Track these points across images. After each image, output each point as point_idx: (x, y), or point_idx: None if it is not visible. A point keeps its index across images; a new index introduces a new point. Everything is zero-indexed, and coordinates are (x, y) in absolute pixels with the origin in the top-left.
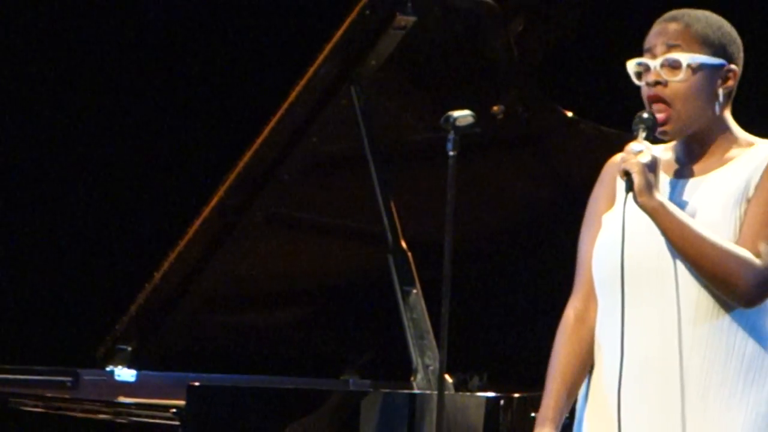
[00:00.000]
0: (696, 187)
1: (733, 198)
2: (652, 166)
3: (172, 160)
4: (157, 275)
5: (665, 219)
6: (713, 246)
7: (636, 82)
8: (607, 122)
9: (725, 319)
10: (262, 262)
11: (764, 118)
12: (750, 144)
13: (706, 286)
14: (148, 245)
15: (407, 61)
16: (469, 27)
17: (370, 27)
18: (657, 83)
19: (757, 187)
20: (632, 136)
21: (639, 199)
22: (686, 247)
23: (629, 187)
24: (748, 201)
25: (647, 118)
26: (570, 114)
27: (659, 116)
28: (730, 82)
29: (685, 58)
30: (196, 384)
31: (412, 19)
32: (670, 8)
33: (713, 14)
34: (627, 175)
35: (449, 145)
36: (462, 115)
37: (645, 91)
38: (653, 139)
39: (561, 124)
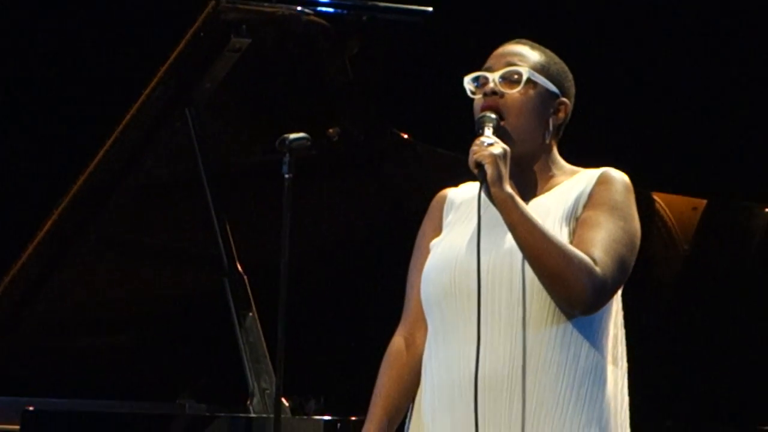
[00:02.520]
0: None
1: (560, 219)
2: (504, 157)
3: (4, 182)
4: None
5: (514, 212)
6: (557, 245)
7: (471, 96)
8: (443, 144)
9: (559, 333)
10: (98, 286)
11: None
12: (574, 172)
13: (540, 296)
14: None
15: (243, 84)
16: (305, 49)
17: (204, 49)
18: (494, 93)
19: (587, 204)
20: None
21: (492, 190)
22: (531, 243)
23: (482, 177)
24: (577, 219)
25: (492, 117)
26: (406, 136)
27: None
28: (561, 115)
29: (526, 71)
30: (31, 408)
31: (246, 41)
32: (508, 31)
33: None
34: (479, 166)
35: (284, 168)
36: (297, 137)
37: (479, 103)
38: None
39: (397, 146)
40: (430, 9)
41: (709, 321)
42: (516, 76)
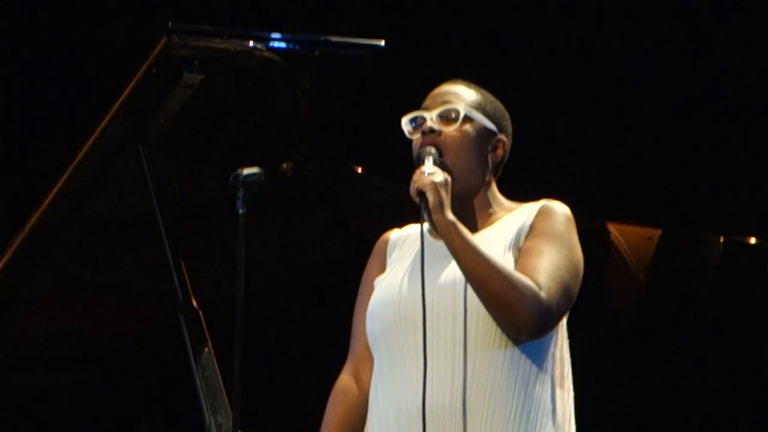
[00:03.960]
0: None
1: (503, 249)
2: (445, 185)
3: None
4: None
5: (457, 238)
6: (501, 270)
7: (409, 137)
8: (398, 178)
9: (506, 358)
10: (53, 323)
11: None
12: (513, 208)
13: (486, 323)
14: None
15: (196, 119)
16: (258, 84)
17: (156, 86)
18: (431, 131)
19: (528, 234)
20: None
21: (434, 216)
22: (475, 269)
23: (424, 205)
24: (519, 250)
25: (432, 151)
26: (360, 170)
27: None
28: (500, 152)
29: (463, 109)
30: None
31: (199, 77)
32: (460, 64)
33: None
34: (420, 194)
35: (238, 203)
36: (251, 172)
37: (417, 143)
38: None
39: (351, 181)
40: (382, 43)
41: (665, 352)
42: (453, 114)
